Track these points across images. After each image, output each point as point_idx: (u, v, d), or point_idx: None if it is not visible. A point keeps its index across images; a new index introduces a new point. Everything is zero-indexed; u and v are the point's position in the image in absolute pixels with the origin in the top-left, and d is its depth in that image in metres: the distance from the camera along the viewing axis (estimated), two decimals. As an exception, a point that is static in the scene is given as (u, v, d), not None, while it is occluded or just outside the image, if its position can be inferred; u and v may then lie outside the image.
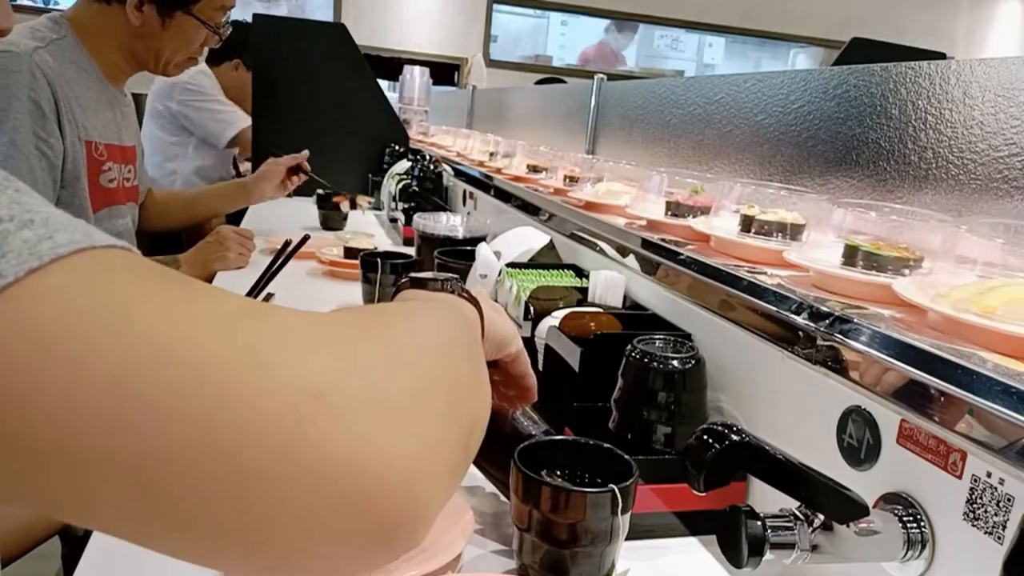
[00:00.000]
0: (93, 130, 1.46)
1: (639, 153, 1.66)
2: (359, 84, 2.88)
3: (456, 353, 0.44)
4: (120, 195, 1.56)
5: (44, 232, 0.27)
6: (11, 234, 0.26)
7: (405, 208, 2.16)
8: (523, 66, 6.91)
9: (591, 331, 0.95)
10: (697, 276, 0.93)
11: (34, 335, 0.25)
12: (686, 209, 1.14)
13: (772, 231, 0.95)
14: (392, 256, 1.49)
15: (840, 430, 0.68)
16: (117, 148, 1.56)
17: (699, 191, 1.17)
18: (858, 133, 0.98)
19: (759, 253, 0.94)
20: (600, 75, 1.91)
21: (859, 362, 0.64)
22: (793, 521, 0.56)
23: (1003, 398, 0.51)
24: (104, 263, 0.28)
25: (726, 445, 0.55)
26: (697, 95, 1.43)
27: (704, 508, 0.78)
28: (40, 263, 0.26)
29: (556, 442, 0.74)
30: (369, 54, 4.33)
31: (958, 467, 0.55)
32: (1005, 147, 0.77)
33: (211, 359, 0.28)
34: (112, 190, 1.53)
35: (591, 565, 0.65)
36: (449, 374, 0.40)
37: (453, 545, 0.69)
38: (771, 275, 0.85)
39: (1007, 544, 0.48)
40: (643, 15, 7.08)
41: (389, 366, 0.35)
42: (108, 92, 1.54)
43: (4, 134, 1.27)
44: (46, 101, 1.33)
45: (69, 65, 1.41)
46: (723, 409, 0.87)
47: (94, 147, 1.47)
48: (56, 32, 1.42)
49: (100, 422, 0.26)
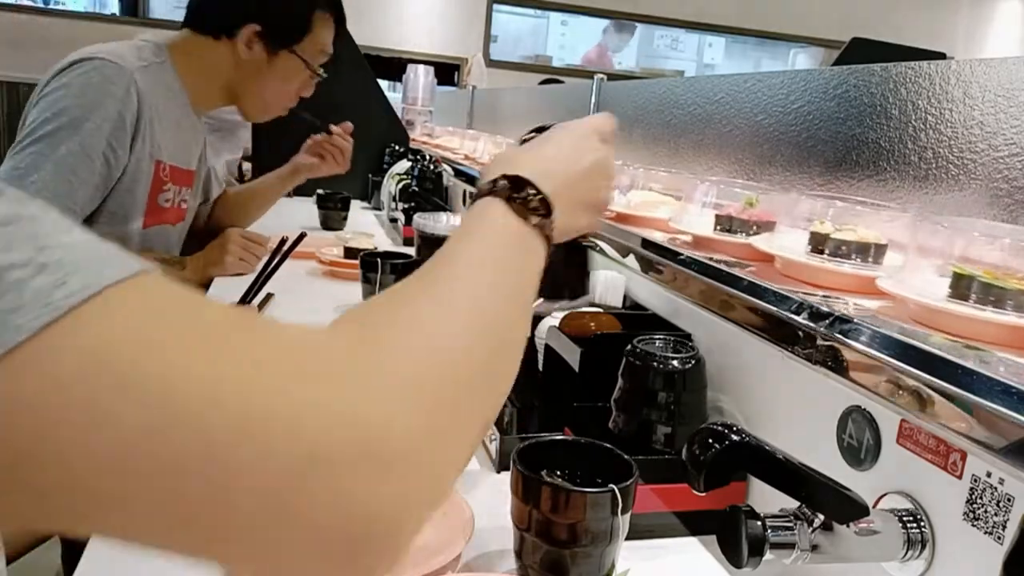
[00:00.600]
0: (165, 151, 1.49)
1: (639, 153, 1.66)
2: (359, 84, 2.88)
3: (486, 344, 0.42)
4: (170, 215, 1.59)
5: (58, 277, 0.27)
6: (25, 283, 0.27)
7: (405, 208, 2.16)
8: (523, 66, 6.91)
9: (591, 331, 0.95)
10: (697, 276, 0.93)
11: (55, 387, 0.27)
12: (740, 224, 1.00)
13: (850, 253, 0.81)
14: (392, 256, 1.49)
15: (840, 430, 0.68)
16: (183, 171, 1.59)
17: (754, 203, 1.03)
18: (858, 133, 0.98)
19: (841, 280, 0.81)
20: (600, 75, 1.91)
21: (859, 362, 0.64)
22: (793, 521, 0.56)
23: (1003, 398, 0.51)
24: (118, 306, 0.29)
25: (726, 445, 0.55)
26: (697, 95, 1.43)
27: (704, 508, 0.78)
28: (54, 317, 0.27)
29: (556, 442, 0.74)
30: (369, 54, 4.33)
31: (958, 467, 0.55)
32: (1005, 147, 0.77)
33: (204, 423, 0.29)
34: (165, 209, 1.55)
35: (591, 565, 0.65)
36: (467, 385, 0.39)
37: (453, 545, 0.69)
38: (855, 306, 0.73)
39: (1007, 544, 0.48)
40: (643, 15, 7.08)
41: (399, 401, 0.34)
42: (190, 118, 1.58)
43: (80, 134, 1.30)
44: (131, 116, 1.38)
45: (162, 88, 1.46)
46: (723, 409, 0.87)
47: (162, 167, 1.50)
48: (158, 57, 1.48)
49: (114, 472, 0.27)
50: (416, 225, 1.72)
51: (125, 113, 1.36)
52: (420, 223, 1.71)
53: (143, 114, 1.40)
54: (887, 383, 0.61)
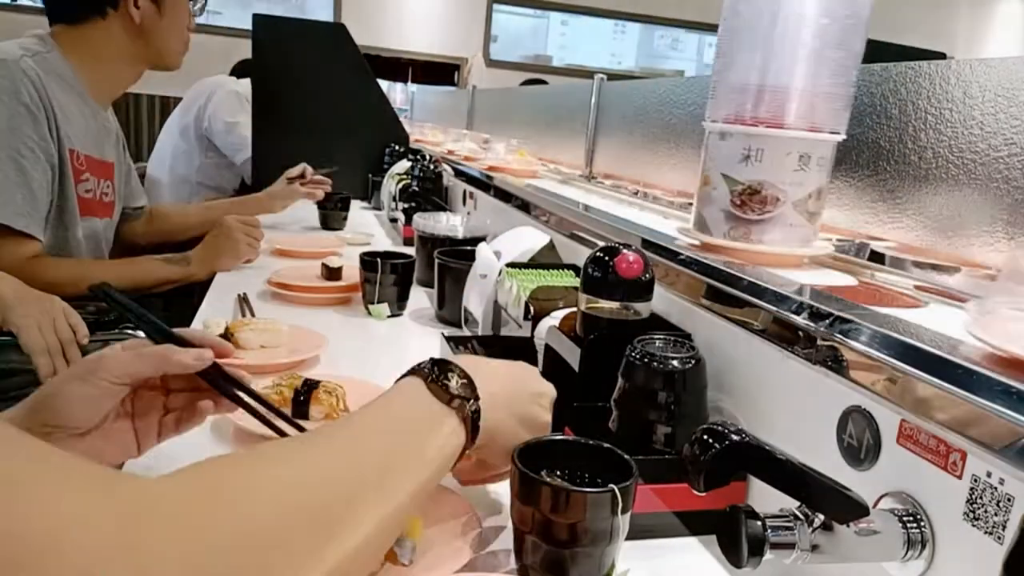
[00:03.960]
0: (76, 139, 1.49)
1: (639, 153, 1.66)
2: (359, 84, 2.88)
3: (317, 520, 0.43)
4: (96, 208, 1.58)
5: None
6: None
7: (405, 208, 2.16)
8: (523, 66, 6.91)
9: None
10: (697, 276, 0.93)
11: None
12: None
13: None
14: (392, 256, 1.49)
15: (840, 430, 0.68)
16: (97, 161, 1.58)
17: None
18: (858, 133, 0.98)
19: None
20: (600, 75, 1.91)
21: (859, 362, 0.64)
22: (793, 521, 0.56)
23: (1003, 398, 0.51)
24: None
25: (726, 445, 0.55)
26: (697, 95, 1.43)
27: (704, 508, 0.78)
28: None
29: (556, 442, 0.74)
30: (369, 54, 4.32)
31: (958, 467, 0.55)
32: (1005, 147, 0.77)
33: None
34: (88, 201, 1.55)
35: (591, 565, 0.65)
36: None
37: (459, 554, 0.68)
38: None
39: (1007, 544, 0.48)
40: (643, 15, 7.08)
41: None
42: (90, 106, 1.57)
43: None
44: (35, 105, 1.37)
45: (53, 77, 1.45)
46: (723, 409, 0.87)
47: (76, 156, 1.49)
48: (43, 47, 1.47)
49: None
50: (416, 225, 1.72)
51: (27, 102, 1.36)
52: (420, 223, 1.71)
53: (44, 101, 1.39)
54: (887, 383, 0.61)
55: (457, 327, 1.42)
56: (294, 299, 1.53)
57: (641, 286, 0.91)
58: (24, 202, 1.35)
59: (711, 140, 0.95)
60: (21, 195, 1.35)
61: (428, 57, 6.57)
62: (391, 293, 1.47)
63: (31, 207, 1.37)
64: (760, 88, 0.88)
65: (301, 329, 1.29)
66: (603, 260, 0.90)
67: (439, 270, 1.44)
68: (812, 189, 0.90)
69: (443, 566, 0.66)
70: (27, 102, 1.35)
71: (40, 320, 1.17)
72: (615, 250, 0.91)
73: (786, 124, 0.88)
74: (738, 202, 0.91)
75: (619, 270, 0.89)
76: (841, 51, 0.86)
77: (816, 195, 0.90)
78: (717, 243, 0.94)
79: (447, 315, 1.46)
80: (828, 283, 0.84)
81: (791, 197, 0.89)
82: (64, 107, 1.45)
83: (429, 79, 6.30)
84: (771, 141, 0.88)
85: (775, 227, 0.90)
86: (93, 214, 1.56)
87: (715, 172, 0.93)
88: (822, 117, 0.88)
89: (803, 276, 0.86)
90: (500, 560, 0.72)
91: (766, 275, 0.85)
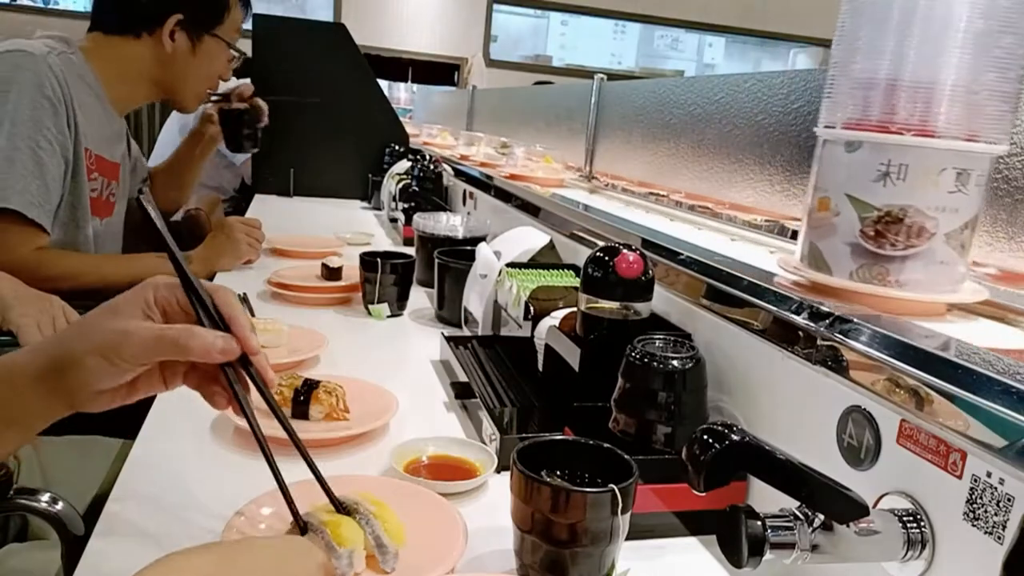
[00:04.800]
0: (91, 139, 1.50)
1: (639, 153, 1.66)
2: (359, 84, 2.88)
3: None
4: (100, 207, 1.59)
5: None
6: None
7: (405, 208, 2.16)
8: (523, 66, 6.91)
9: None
10: (697, 276, 0.93)
11: None
12: None
13: None
14: (392, 256, 1.49)
15: (840, 430, 0.68)
16: (108, 163, 1.58)
17: None
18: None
19: None
20: (600, 75, 1.91)
21: (859, 362, 0.64)
22: (793, 521, 0.56)
23: (1003, 398, 0.51)
24: None
25: (726, 445, 0.55)
26: (697, 95, 1.43)
27: (704, 508, 0.78)
28: None
29: (556, 442, 0.74)
30: (369, 54, 4.33)
31: (958, 467, 0.55)
32: (1005, 147, 0.77)
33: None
34: (94, 200, 1.55)
35: (591, 565, 0.65)
36: None
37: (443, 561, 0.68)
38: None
39: (1007, 544, 0.48)
40: (643, 15, 7.09)
41: None
42: (107, 112, 1.58)
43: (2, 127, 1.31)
44: (56, 99, 1.38)
45: (75, 76, 1.46)
46: (723, 409, 0.87)
47: (89, 155, 1.49)
48: (67, 48, 1.48)
49: None
50: (416, 225, 1.72)
51: (49, 95, 1.36)
52: (420, 223, 1.71)
53: (66, 96, 1.40)
54: (887, 383, 0.61)
55: (457, 327, 1.42)
56: (294, 299, 1.53)
57: (641, 286, 0.91)
58: (38, 192, 1.36)
59: (829, 152, 0.75)
60: (36, 185, 1.35)
61: (428, 57, 6.57)
62: (391, 293, 1.47)
63: (44, 198, 1.37)
64: (900, 84, 0.69)
65: (301, 329, 1.29)
66: (603, 260, 0.90)
67: (439, 270, 1.44)
68: (969, 217, 0.70)
69: (426, 573, 0.66)
70: (50, 95, 1.36)
71: (39, 319, 1.17)
72: (615, 250, 0.91)
73: (938, 132, 0.68)
74: (871, 233, 0.72)
75: (619, 270, 0.89)
76: (1008, 35, 0.66)
77: (972, 225, 0.71)
78: (840, 286, 0.74)
79: (447, 315, 1.46)
80: (996, 344, 0.65)
81: (943, 228, 0.70)
82: (83, 106, 1.46)
83: (429, 79, 6.30)
84: (919, 154, 0.69)
85: (920, 266, 0.71)
86: (96, 213, 1.57)
87: (838, 193, 0.73)
88: (983, 122, 0.68)
89: (954, 329, 0.68)
90: (500, 560, 0.72)
91: (907, 329, 0.66)
